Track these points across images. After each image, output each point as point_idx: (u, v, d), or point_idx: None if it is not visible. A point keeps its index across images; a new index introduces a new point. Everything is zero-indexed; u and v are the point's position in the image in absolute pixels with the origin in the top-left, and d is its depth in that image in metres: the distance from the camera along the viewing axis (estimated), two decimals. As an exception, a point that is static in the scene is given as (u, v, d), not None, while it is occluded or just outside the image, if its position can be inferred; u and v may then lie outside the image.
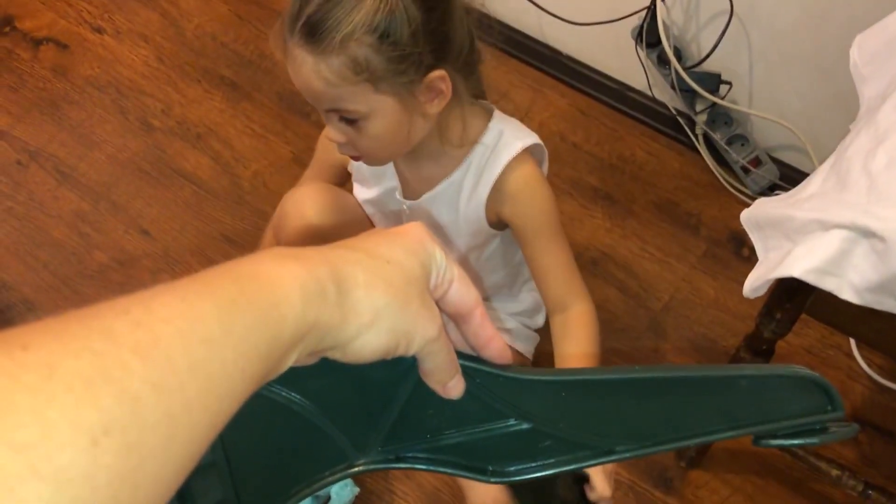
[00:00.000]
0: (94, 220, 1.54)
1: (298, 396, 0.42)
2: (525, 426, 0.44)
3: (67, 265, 1.48)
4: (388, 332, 0.37)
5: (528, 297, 1.22)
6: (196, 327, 0.29)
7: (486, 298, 1.20)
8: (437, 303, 0.41)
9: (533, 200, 1.01)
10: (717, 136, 1.53)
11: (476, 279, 1.16)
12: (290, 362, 0.34)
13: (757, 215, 0.96)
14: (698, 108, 1.53)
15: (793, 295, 0.93)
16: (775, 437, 0.46)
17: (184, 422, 0.27)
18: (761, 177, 1.52)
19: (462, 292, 0.41)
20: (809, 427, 0.45)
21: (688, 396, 0.45)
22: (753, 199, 1.32)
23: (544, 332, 1.22)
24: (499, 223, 1.04)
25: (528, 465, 0.45)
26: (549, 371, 0.44)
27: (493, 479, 0.45)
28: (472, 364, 0.42)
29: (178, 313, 0.29)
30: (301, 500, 0.44)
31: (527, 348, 1.23)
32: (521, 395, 0.43)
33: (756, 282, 0.92)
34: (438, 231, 1.08)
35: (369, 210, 1.16)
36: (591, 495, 0.95)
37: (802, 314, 1.00)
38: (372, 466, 0.45)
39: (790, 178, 1.50)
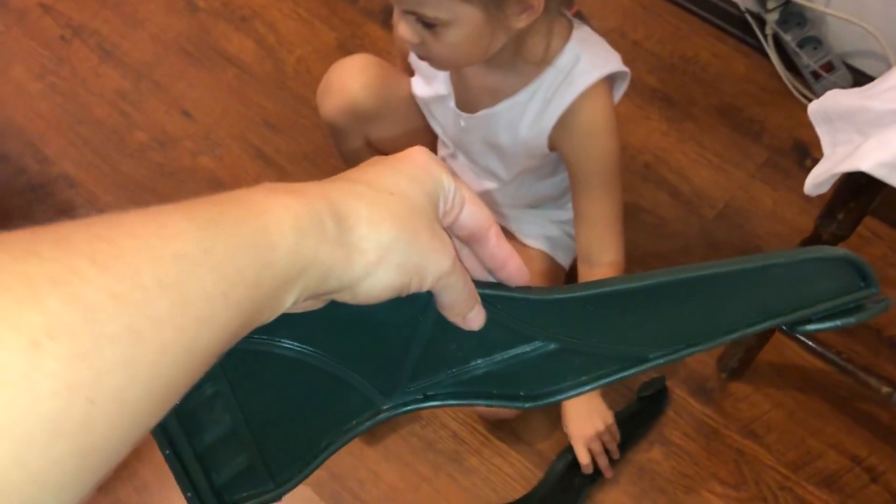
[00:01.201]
0: (136, 99, 1.52)
1: (311, 349, 0.39)
2: (553, 346, 0.42)
3: (108, 143, 1.47)
4: (398, 268, 0.34)
5: None
6: (168, 244, 0.26)
7: (532, 206, 1.16)
8: (449, 229, 0.38)
9: (595, 146, 0.95)
10: (788, 38, 1.43)
11: (522, 192, 1.11)
12: (289, 301, 0.31)
13: (827, 107, 0.88)
14: (770, 5, 1.43)
15: (858, 193, 0.86)
16: (810, 321, 0.44)
17: (152, 340, 0.25)
18: (832, 83, 1.42)
19: (475, 214, 0.38)
20: (844, 307, 0.44)
21: (720, 293, 0.42)
22: (823, 103, 1.24)
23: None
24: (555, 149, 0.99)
25: (561, 386, 0.43)
26: (573, 287, 0.41)
27: (526, 405, 0.43)
28: (491, 291, 0.39)
29: (148, 230, 0.26)
30: (333, 452, 0.42)
31: (566, 260, 1.18)
32: (545, 316, 0.41)
33: (819, 177, 0.85)
34: (490, 150, 1.03)
35: (421, 106, 1.10)
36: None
37: (866, 223, 0.93)
38: (401, 410, 0.42)
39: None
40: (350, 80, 1.06)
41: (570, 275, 1.20)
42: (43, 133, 1.48)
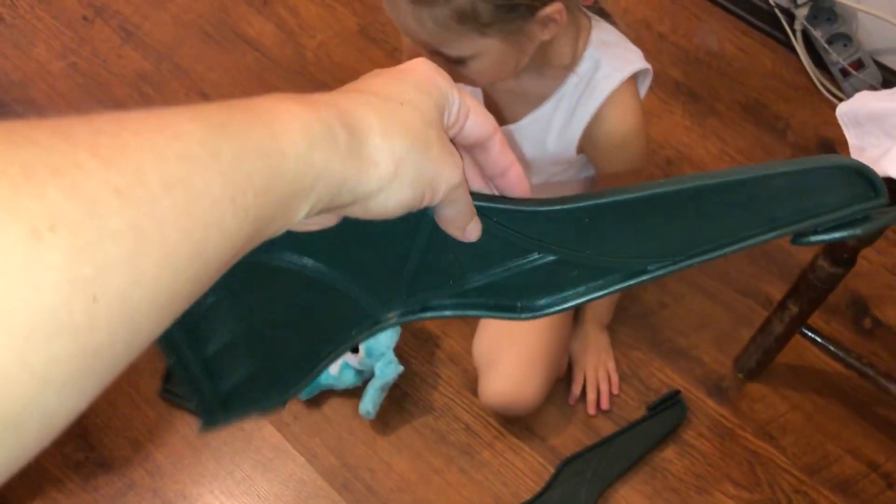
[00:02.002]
0: (156, 80, 1.51)
1: (310, 261, 0.39)
2: (550, 258, 0.41)
3: (128, 125, 1.47)
4: (413, 182, 0.34)
5: None
6: (173, 143, 0.25)
7: None
8: (454, 139, 0.38)
9: (623, 153, 0.94)
10: (817, 34, 1.40)
11: (550, 193, 1.09)
12: (301, 212, 0.30)
13: (856, 109, 0.86)
14: (800, 0, 1.40)
15: (887, 199, 0.84)
16: (816, 232, 0.43)
17: (156, 240, 0.23)
18: (861, 81, 1.39)
19: (480, 122, 0.38)
20: (851, 218, 0.43)
21: (722, 204, 0.41)
22: (851, 101, 1.21)
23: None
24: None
25: (558, 297, 0.42)
26: (568, 198, 0.40)
27: (523, 316, 0.43)
28: (487, 203, 0.39)
29: (153, 128, 0.25)
30: (334, 360, 0.42)
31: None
32: (541, 228, 0.40)
33: (847, 181, 0.83)
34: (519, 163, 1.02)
35: None
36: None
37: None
38: (399, 320, 0.42)
39: (894, 84, 1.37)
40: None
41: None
42: (63, 112, 1.47)
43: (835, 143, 1.38)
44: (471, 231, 0.39)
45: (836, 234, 0.43)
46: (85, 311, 0.21)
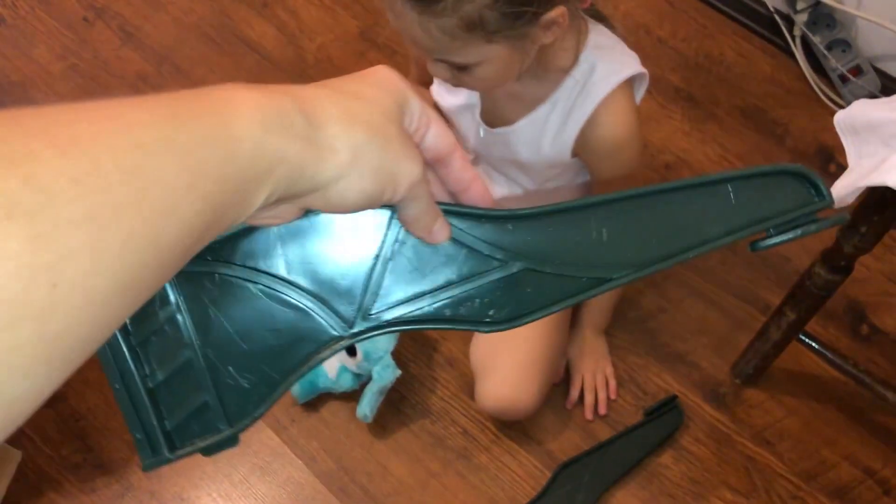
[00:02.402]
0: (157, 83, 1.51)
1: (269, 277, 0.39)
2: (515, 268, 0.42)
3: (128, 127, 1.47)
4: (373, 173, 0.34)
5: None
6: (128, 133, 0.26)
7: None
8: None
9: (617, 159, 0.95)
10: (816, 40, 1.40)
11: (545, 200, 1.10)
12: (259, 199, 0.31)
13: (854, 117, 0.87)
14: (799, 6, 1.40)
15: (883, 207, 0.84)
16: (770, 235, 0.45)
17: (115, 228, 0.24)
18: (860, 88, 1.39)
19: (441, 135, 0.38)
20: (802, 221, 0.45)
21: (677, 210, 0.44)
22: (850, 108, 1.21)
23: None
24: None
25: (525, 309, 0.43)
26: (533, 207, 0.41)
27: (490, 329, 0.43)
28: (452, 208, 0.40)
29: (107, 117, 0.26)
30: (289, 386, 0.41)
31: None
32: (506, 235, 0.41)
33: (844, 189, 0.84)
34: (512, 164, 1.03)
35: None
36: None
37: (889, 232, 0.92)
38: (365, 336, 0.42)
39: (893, 91, 1.37)
40: None
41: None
42: (63, 114, 1.48)
43: (833, 149, 1.39)
44: (437, 231, 0.39)
45: (791, 235, 0.45)
46: (45, 298, 0.22)
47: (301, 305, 0.40)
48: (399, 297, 0.41)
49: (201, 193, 0.27)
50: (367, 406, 1.12)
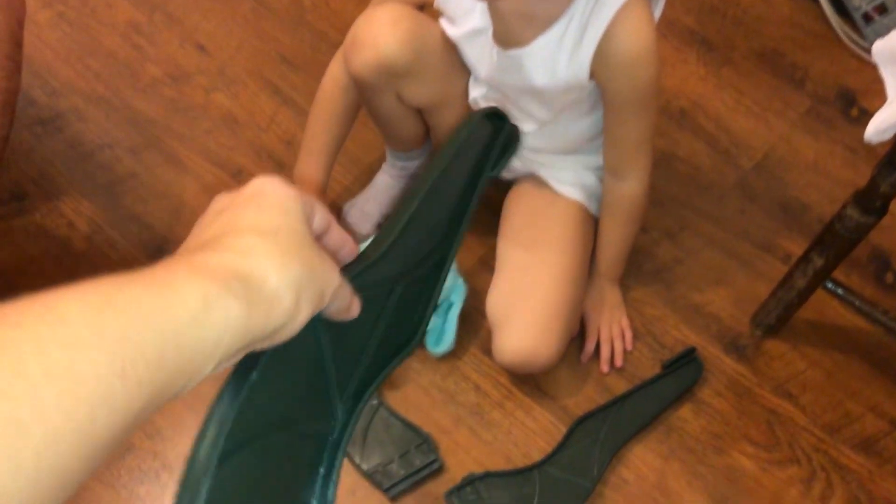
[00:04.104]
0: (149, 31, 1.45)
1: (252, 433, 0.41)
2: (400, 287, 0.50)
3: (119, 77, 1.41)
4: (310, 301, 0.36)
5: None
6: (57, 330, 0.27)
7: (568, 152, 1.10)
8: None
9: (634, 77, 0.90)
10: (838, -22, 1.34)
11: (559, 132, 1.06)
12: (207, 369, 0.32)
13: (894, 46, 0.81)
14: (821, -58, 1.34)
15: (926, 142, 0.80)
16: (493, 168, 0.56)
17: (36, 428, 0.24)
18: (884, 27, 1.34)
19: (326, 217, 0.42)
20: (505, 145, 0.56)
21: (436, 203, 0.53)
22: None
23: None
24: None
25: (424, 308, 0.53)
26: (385, 231, 0.49)
27: (417, 343, 0.52)
28: (353, 272, 0.44)
29: (35, 315, 0.27)
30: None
31: (598, 210, 1.13)
32: (386, 266, 0.48)
33: (883, 123, 0.79)
34: (527, 93, 0.97)
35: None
36: None
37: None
38: (351, 425, 0.47)
39: (918, 31, 1.31)
40: (382, 35, 0.98)
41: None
42: (50, 64, 1.42)
43: (855, 93, 1.34)
44: (354, 308, 0.43)
45: (503, 161, 0.56)
46: None
47: (291, 436, 0.43)
48: (352, 371, 0.47)
49: (136, 379, 0.28)
50: (451, 335, 1.13)
